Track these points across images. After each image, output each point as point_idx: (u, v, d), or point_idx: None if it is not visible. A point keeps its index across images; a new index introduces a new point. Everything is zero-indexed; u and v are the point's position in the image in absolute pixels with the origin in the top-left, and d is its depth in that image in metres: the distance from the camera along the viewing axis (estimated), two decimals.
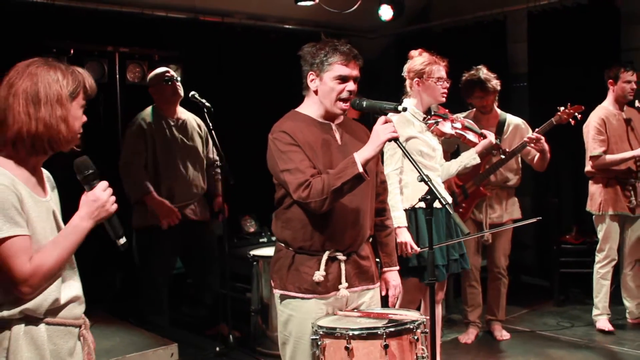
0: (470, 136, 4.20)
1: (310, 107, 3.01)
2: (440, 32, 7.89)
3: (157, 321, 5.16)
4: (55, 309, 2.09)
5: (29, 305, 2.02)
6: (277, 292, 2.99)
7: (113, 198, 2.15)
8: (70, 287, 2.17)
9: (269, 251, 5.39)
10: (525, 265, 7.20)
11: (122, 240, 2.21)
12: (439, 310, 4.45)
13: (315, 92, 2.95)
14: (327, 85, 2.90)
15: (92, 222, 2.11)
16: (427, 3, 8.16)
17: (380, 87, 7.29)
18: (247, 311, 5.45)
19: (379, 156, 3.12)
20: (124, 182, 5.03)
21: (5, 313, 2.00)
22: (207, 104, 4.95)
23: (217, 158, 5.37)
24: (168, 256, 5.30)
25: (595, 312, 5.49)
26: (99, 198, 2.11)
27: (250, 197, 5.79)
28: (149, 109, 5.22)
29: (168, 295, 5.39)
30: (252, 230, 6.85)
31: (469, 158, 4.27)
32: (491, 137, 4.28)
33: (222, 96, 5.37)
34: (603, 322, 5.41)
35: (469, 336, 5.28)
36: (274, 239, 6.44)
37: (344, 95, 2.88)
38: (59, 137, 2.09)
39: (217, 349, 5.03)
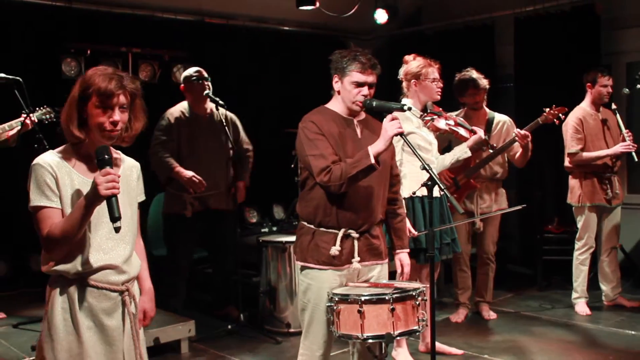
0: (462, 132, 4.65)
1: (336, 104, 3.45)
2: (431, 35, 8.35)
3: (171, 303, 5.58)
4: (85, 273, 2.47)
5: (61, 267, 2.44)
6: (298, 264, 3.43)
7: (110, 184, 2.33)
8: (109, 257, 2.52)
9: (276, 237, 5.83)
10: (511, 255, 7.68)
11: (117, 224, 2.38)
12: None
13: (338, 92, 3.40)
14: (346, 88, 3.34)
15: (87, 202, 2.37)
16: (420, 7, 8.61)
17: (376, 85, 7.76)
18: (253, 294, 5.89)
19: (394, 151, 3.57)
20: (153, 168, 5.44)
21: (47, 269, 2.46)
22: (220, 101, 5.37)
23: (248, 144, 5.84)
24: (190, 242, 5.71)
25: (574, 295, 5.96)
26: (95, 181, 2.35)
27: (252, 190, 6.18)
28: (183, 104, 5.59)
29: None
30: (254, 220, 7.30)
31: (461, 151, 4.72)
32: (481, 132, 4.73)
33: (227, 93, 5.75)
34: (581, 305, 5.88)
35: (459, 316, 5.74)
36: (274, 229, 6.92)
37: (359, 98, 3.32)
38: (68, 131, 2.48)
39: (229, 327, 5.46)
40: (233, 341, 5.29)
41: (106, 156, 2.41)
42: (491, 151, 5.32)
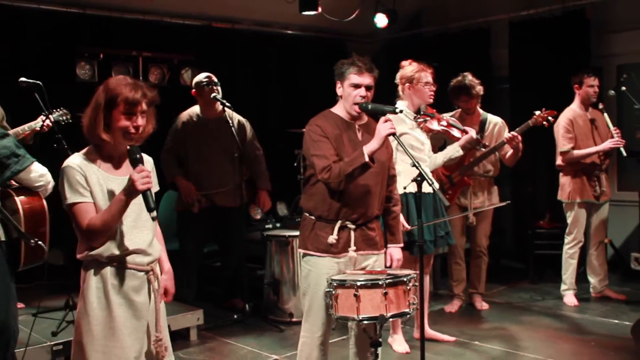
0: (455, 132, 4.94)
1: (339, 109, 3.77)
2: (430, 38, 8.67)
3: (185, 294, 5.87)
4: (116, 256, 2.81)
5: (96, 252, 2.77)
6: (300, 251, 3.77)
7: (145, 180, 2.67)
8: (135, 242, 2.86)
9: (280, 232, 6.14)
10: (504, 250, 7.98)
11: (153, 214, 2.78)
12: (426, 283, 5.20)
13: (341, 96, 3.71)
14: (346, 91, 3.66)
15: (126, 196, 2.70)
16: (419, 12, 8.91)
17: (376, 86, 8.06)
18: (257, 286, 6.22)
19: (392, 153, 3.89)
20: (162, 168, 5.77)
21: (84, 255, 2.81)
22: (227, 103, 5.67)
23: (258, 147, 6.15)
24: (198, 237, 6.02)
25: (563, 287, 6.26)
26: (131, 177, 2.68)
27: (256, 189, 6.44)
28: (194, 108, 5.92)
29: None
30: (258, 217, 7.57)
31: (453, 150, 5.02)
32: (472, 132, 5.02)
33: (233, 95, 6.03)
34: (570, 297, 6.18)
35: (453, 306, 6.05)
36: (278, 225, 7.22)
37: (357, 99, 3.63)
38: (94, 133, 2.79)
39: (235, 316, 5.80)
40: (239, 329, 5.62)
41: (138, 155, 2.77)
42: (483, 150, 5.61)
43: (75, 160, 2.79)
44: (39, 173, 3.75)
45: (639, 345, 4.65)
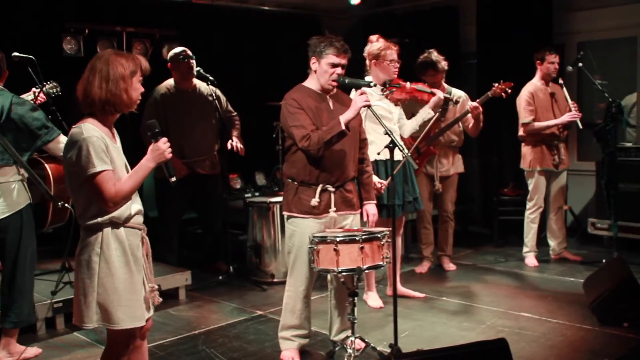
0: (423, 96, 5.32)
1: (312, 82, 4.14)
2: (401, 15, 9.02)
3: (167, 258, 6.23)
4: (129, 217, 3.12)
5: (114, 214, 3.05)
6: (285, 214, 4.15)
7: (169, 150, 3.07)
8: (136, 204, 3.19)
9: (261, 199, 6.51)
10: (472, 217, 8.47)
11: (173, 179, 3.16)
12: (399, 244, 5.61)
13: (315, 71, 4.07)
14: (323, 69, 4.02)
15: (154, 164, 3.06)
16: None
17: (349, 60, 8.41)
18: (240, 250, 6.60)
19: (362, 120, 4.24)
20: (145, 140, 6.03)
21: (99, 219, 3.04)
22: (210, 77, 5.99)
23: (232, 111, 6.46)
24: (179, 203, 6.34)
25: (524, 249, 6.74)
26: (160, 148, 3.08)
27: (235, 159, 6.76)
28: (169, 81, 6.18)
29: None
30: (237, 186, 7.94)
31: (425, 112, 5.36)
32: (440, 94, 5.38)
33: (213, 69, 6.29)
34: (530, 258, 6.67)
35: (423, 267, 6.49)
36: (257, 194, 7.57)
37: (334, 77, 4.00)
38: (121, 102, 3.06)
39: (220, 277, 6.18)
40: (224, 289, 6.01)
41: (157, 129, 3.08)
42: (453, 105, 5.98)
43: (95, 131, 2.99)
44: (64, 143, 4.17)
45: (588, 296, 5.12)
